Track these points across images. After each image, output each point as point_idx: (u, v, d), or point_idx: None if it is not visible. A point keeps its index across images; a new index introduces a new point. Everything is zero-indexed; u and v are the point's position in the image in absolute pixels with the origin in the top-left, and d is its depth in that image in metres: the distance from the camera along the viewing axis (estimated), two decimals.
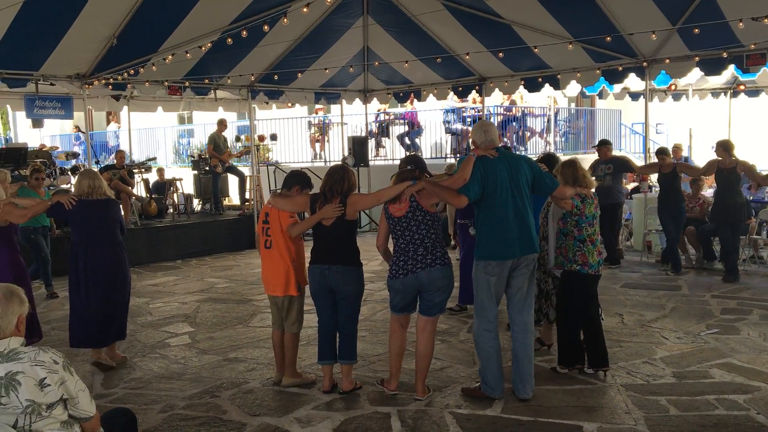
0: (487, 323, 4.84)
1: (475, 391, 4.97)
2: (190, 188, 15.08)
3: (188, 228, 12.51)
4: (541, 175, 5.00)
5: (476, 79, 12.58)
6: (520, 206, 4.79)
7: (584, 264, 5.24)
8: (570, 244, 5.27)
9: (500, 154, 4.87)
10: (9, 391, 2.73)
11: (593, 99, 18.72)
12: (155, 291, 9.24)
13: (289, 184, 5.33)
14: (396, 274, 4.86)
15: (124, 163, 12.77)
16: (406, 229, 4.83)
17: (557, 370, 5.43)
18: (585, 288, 5.34)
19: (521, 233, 4.79)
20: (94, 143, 18.59)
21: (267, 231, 5.27)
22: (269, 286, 5.33)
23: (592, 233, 5.27)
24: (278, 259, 5.19)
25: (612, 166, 9.76)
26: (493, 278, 4.78)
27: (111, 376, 5.72)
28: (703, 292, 8.18)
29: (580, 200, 5.23)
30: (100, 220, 5.80)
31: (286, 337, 5.31)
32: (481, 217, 4.84)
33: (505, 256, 4.76)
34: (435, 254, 4.81)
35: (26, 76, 10.02)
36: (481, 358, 4.92)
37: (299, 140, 18.25)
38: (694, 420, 4.47)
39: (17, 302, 2.89)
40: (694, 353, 5.88)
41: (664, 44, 9.91)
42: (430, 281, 4.78)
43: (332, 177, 5.03)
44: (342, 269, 4.97)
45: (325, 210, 4.97)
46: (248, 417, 4.75)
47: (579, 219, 5.24)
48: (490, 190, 4.74)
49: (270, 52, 11.53)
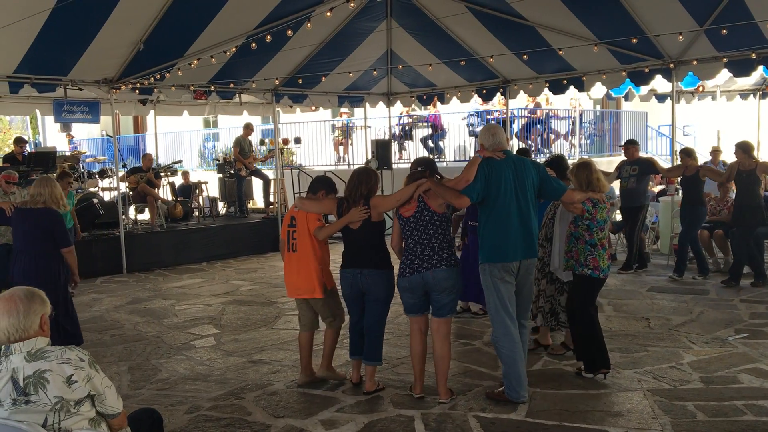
0: (505, 328, 4.82)
1: (500, 395, 4.95)
2: (216, 191, 15.22)
3: (213, 231, 12.61)
4: (548, 179, 4.99)
5: (500, 81, 12.53)
6: (524, 209, 4.80)
7: (595, 268, 5.21)
8: (581, 248, 5.23)
9: (507, 157, 4.87)
10: (38, 388, 2.79)
11: (619, 101, 18.55)
12: (181, 293, 9.33)
13: (314, 188, 5.39)
14: (403, 272, 4.92)
15: (151, 166, 12.93)
16: (414, 229, 4.88)
17: (583, 374, 5.38)
18: (594, 292, 5.33)
19: (524, 237, 4.80)
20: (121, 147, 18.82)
21: (293, 234, 5.28)
22: (293, 289, 5.36)
23: (602, 237, 5.24)
24: (304, 263, 5.21)
25: (638, 167, 9.61)
26: (499, 281, 4.78)
27: (138, 378, 5.78)
28: (732, 296, 8.06)
29: (591, 205, 5.18)
30: (31, 228, 5.72)
31: (328, 333, 5.41)
32: (484, 218, 4.86)
33: (508, 258, 4.77)
34: (441, 255, 4.84)
35: (55, 81, 10.19)
36: (504, 363, 4.90)
37: (323, 143, 18.33)
38: (722, 426, 4.40)
39: (39, 302, 2.94)
40: (722, 358, 5.80)
41: (691, 45, 9.80)
42: (435, 282, 4.82)
43: (351, 181, 5.10)
44: (374, 273, 5.01)
45: (351, 213, 5.00)
46: (273, 419, 4.77)
47: (590, 223, 5.20)
48: (494, 192, 4.75)
49: (294, 56, 11.61)
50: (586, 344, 5.32)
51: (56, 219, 5.80)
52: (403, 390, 5.17)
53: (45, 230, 5.72)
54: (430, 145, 16.91)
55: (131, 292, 9.46)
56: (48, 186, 5.84)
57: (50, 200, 5.80)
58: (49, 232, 5.72)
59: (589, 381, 5.28)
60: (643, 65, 10.53)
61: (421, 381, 5.07)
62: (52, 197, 5.81)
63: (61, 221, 5.86)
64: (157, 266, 11.34)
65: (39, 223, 5.73)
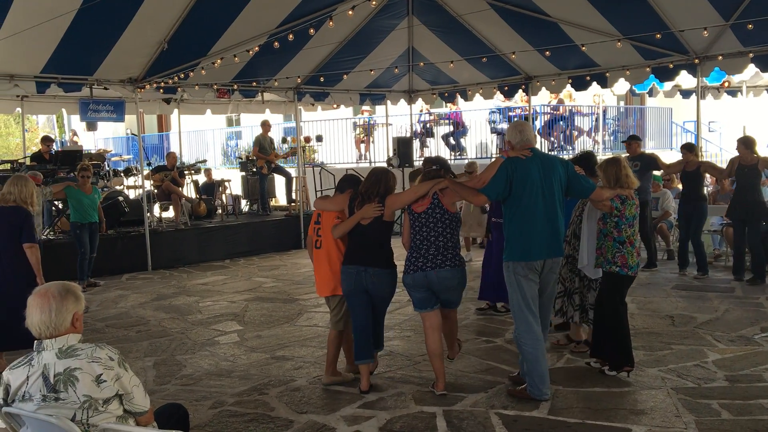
0: (527, 325, 4.81)
1: (521, 392, 4.94)
2: (238, 189, 15.32)
3: (236, 228, 12.71)
4: (577, 177, 4.96)
5: (522, 78, 12.47)
6: (550, 208, 4.77)
7: (623, 266, 5.18)
8: (609, 246, 5.20)
9: (534, 155, 4.84)
10: (67, 386, 2.83)
11: (643, 97, 18.35)
12: (205, 290, 9.42)
13: (342, 187, 5.42)
14: (407, 269, 4.96)
15: (175, 164, 13.06)
16: (424, 225, 4.90)
17: (605, 372, 5.36)
18: (623, 289, 5.30)
19: (550, 235, 4.78)
20: (146, 146, 19.03)
21: (318, 232, 5.34)
22: (318, 286, 5.42)
23: (631, 234, 5.19)
24: (327, 260, 5.25)
25: (639, 163, 9.40)
26: (523, 279, 4.77)
27: (163, 373, 5.86)
28: (758, 295, 7.96)
29: (620, 202, 5.15)
30: (3, 226, 5.82)
31: (331, 334, 5.39)
32: (509, 217, 4.84)
33: (533, 257, 4.75)
34: (446, 255, 4.87)
35: (81, 80, 10.33)
36: (526, 361, 4.89)
37: (344, 141, 18.37)
38: (747, 424, 4.36)
39: (72, 300, 2.95)
40: (748, 356, 5.73)
41: (716, 40, 9.68)
42: (439, 281, 4.87)
43: (369, 179, 5.11)
44: (379, 272, 5.01)
45: (364, 209, 5.00)
46: (295, 414, 4.81)
47: (618, 220, 5.17)
48: (518, 190, 4.72)
49: (316, 55, 11.65)
50: (612, 341, 5.27)
51: (24, 217, 5.92)
52: (425, 387, 5.18)
53: (13, 228, 5.84)
54: (452, 143, 16.87)
55: (156, 289, 9.57)
56: (18, 185, 5.98)
57: (20, 199, 5.94)
58: (17, 229, 5.83)
59: (612, 379, 5.26)
60: (668, 61, 10.42)
61: (442, 378, 5.07)
62: (21, 196, 5.95)
63: (29, 219, 5.96)
64: (181, 263, 11.46)
65: (8, 221, 5.86)
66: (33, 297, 2.94)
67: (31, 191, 6.06)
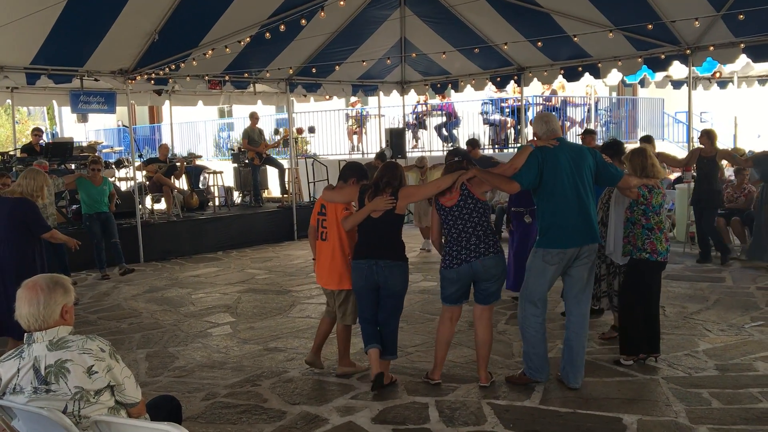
0: (535, 309, 4.84)
1: (520, 378, 4.98)
2: (231, 181, 15.28)
3: (229, 220, 12.69)
4: (605, 165, 4.97)
5: (515, 69, 12.46)
6: (583, 195, 4.77)
7: (653, 252, 5.23)
8: (638, 233, 5.25)
9: (561, 144, 4.84)
10: (59, 378, 2.82)
11: (635, 87, 18.39)
12: (197, 282, 9.41)
13: (345, 176, 5.30)
14: (450, 264, 4.83)
15: (167, 155, 13.03)
16: (458, 218, 4.82)
17: (621, 362, 5.37)
18: (653, 275, 5.35)
19: (584, 222, 4.78)
20: (137, 137, 18.95)
21: (322, 223, 5.22)
22: (323, 279, 5.29)
23: (659, 221, 5.26)
24: (333, 252, 5.15)
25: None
26: (553, 266, 4.77)
27: (155, 365, 5.85)
28: (748, 284, 8.01)
29: (647, 190, 5.20)
30: (6, 218, 5.84)
31: (339, 327, 5.29)
32: (542, 206, 4.83)
33: (567, 245, 4.74)
34: (488, 243, 4.80)
35: (71, 72, 10.27)
36: (527, 343, 4.91)
37: (337, 132, 18.34)
38: (737, 413, 4.40)
39: (61, 292, 2.94)
40: (738, 346, 5.78)
41: (707, 31, 9.68)
42: (484, 270, 4.77)
43: (389, 170, 4.99)
44: (390, 265, 4.89)
45: (375, 201, 4.89)
46: (288, 405, 4.82)
47: (645, 208, 5.22)
48: (549, 179, 4.72)
49: (307, 46, 11.60)
50: (644, 328, 5.30)
51: (28, 208, 5.93)
52: (418, 377, 5.20)
53: (17, 219, 5.85)
54: (444, 134, 16.87)
55: (148, 281, 9.56)
56: (27, 177, 6.02)
57: (27, 191, 5.97)
58: (21, 221, 5.85)
59: (603, 368, 5.29)
60: (660, 51, 10.43)
61: (440, 367, 5.06)
62: (28, 189, 5.97)
63: (34, 210, 5.97)
64: (173, 255, 11.44)
65: (12, 212, 5.87)
66: (22, 289, 2.93)
67: (40, 184, 6.10)
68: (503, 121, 15.98)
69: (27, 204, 5.96)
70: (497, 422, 4.40)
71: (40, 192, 6.11)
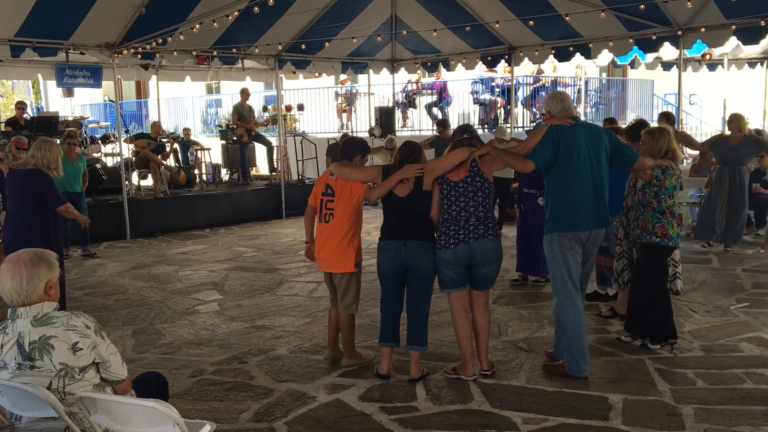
0: (571, 300, 4.65)
1: (558, 369, 4.81)
2: (218, 158, 15.17)
3: (216, 197, 12.62)
4: (621, 146, 4.84)
5: (505, 48, 12.40)
6: (597, 177, 4.63)
7: (664, 236, 5.14)
8: (649, 216, 5.17)
9: (578, 123, 4.70)
10: (43, 354, 2.79)
11: (625, 68, 18.36)
12: (184, 259, 9.36)
13: (348, 154, 4.98)
14: (446, 244, 4.60)
15: (159, 133, 12.90)
16: (462, 195, 4.60)
17: (622, 339, 5.42)
18: (663, 260, 5.29)
19: (597, 205, 4.64)
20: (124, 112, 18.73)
21: (327, 204, 4.92)
22: (326, 262, 5.00)
23: (671, 205, 5.15)
24: (341, 234, 4.87)
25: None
26: (568, 252, 4.61)
27: (142, 342, 5.83)
28: (734, 266, 8.07)
29: (660, 171, 5.10)
30: (20, 190, 5.77)
31: (342, 317, 5.03)
32: (555, 186, 4.66)
33: (580, 228, 4.60)
34: (487, 225, 4.62)
35: (57, 45, 10.12)
36: (567, 336, 4.70)
37: (326, 110, 18.22)
38: (722, 393, 4.43)
39: (45, 267, 2.90)
40: (723, 327, 5.82)
41: (699, 12, 9.66)
42: (483, 252, 4.58)
43: (412, 149, 4.78)
44: (420, 246, 4.63)
45: (405, 169, 4.63)
46: (275, 383, 4.82)
47: (658, 190, 5.12)
48: (564, 158, 4.55)
49: (297, 21, 11.47)
50: (654, 314, 5.23)
51: (43, 180, 5.80)
52: (405, 356, 5.14)
53: (32, 191, 5.76)
54: (435, 113, 16.79)
55: (135, 258, 9.50)
56: (42, 149, 5.83)
57: (41, 163, 5.80)
58: (36, 193, 5.75)
59: (589, 348, 5.30)
60: (651, 32, 10.40)
61: (471, 362, 4.79)
62: (44, 160, 5.80)
63: (48, 182, 5.84)
64: (160, 232, 11.36)
65: (26, 185, 5.76)
66: (5, 264, 2.89)
67: (56, 156, 5.89)
68: (493, 101, 15.93)
69: (42, 176, 5.80)
70: (484, 401, 4.42)
71: (56, 164, 5.90)
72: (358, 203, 4.89)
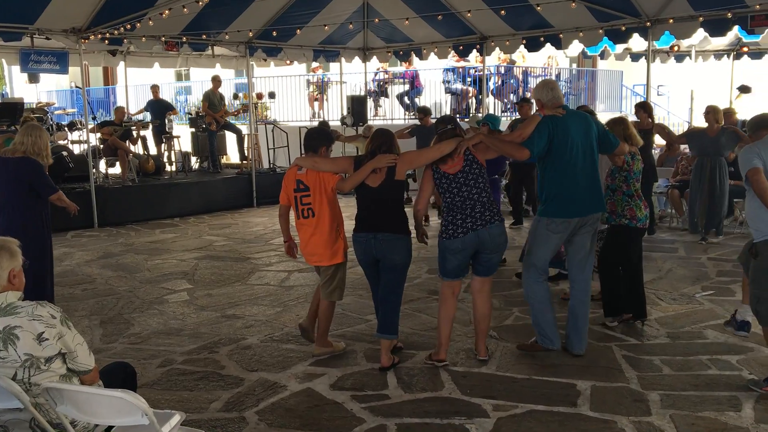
0: (538, 275, 4.88)
1: (533, 346, 5.01)
2: (188, 146, 14.98)
3: (186, 186, 12.47)
4: (606, 134, 5.02)
5: (477, 37, 12.42)
6: (589, 164, 4.80)
7: (632, 218, 5.40)
8: (618, 199, 5.42)
9: (568, 112, 4.82)
10: (7, 345, 2.74)
11: (595, 59, 18.52)
12: (153, 248, 9.25)
13: (313, 146, 4.89)
14: (454, 233, 4.60)
15: (123, 119, 12.69)
16: (464, 185, 4.61)
17: (607, 324, 5.53)
18: (632, 241, 5.49)
19: (590, 192, 4.81)
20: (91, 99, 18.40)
21: (302, 199, 4.83)
22: (314, 257, 4.94)
23: (638, 188, 5.44)
24: (324, 227, 4.82)
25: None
26: (557, 235, 4.78)
27: (110, 332, 5.76)
28: (700, 255, 8.21)
29: (630, 156, 5.35)
30: (8, 179, 5.53)
31: (323, 304, 4.99)
32: (549, 175, 4.80)
33: (573, 214, 4.75)
34: (492, 210, 4.65)
35: (21, 29, 9.87)
36: (535, 311, 4.93)
37: (297, 99, 18.10)
38: (687, 379, 4.52)
39: (6, 256, 2.84)
40: (689, 314, 5.93)
41: (668, 4, 9.78)
42: (491, 238, 4.60)
43: (382, 137, 4.76)
44: (389, 238, 4.63)
45: (378, 158, 4.61)
46: (246, 372, 4.80)
47: (627, 175, 5.39)
48: (558, 148, 4.69)
49: (268, 8, 11.37)
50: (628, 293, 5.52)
51: (34, 169, 5.54)
52: (376, 344, 5.17)
53: (22, 181, 5.51)
54: (406, 102, 16.78)
55: (103, 247, 9.36)
56: (32, 135, 5.56)
57: (31, 150, 5.54)
58: (26, 182, 5.50)
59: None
60: (620, 23, 10.50)
61: (446, 347, 4.83)
62: (34, 147, 5.54)
63: (40, 171, 5.59)
64: (129, 221, 11.21)
65: (16, 174, 5.51)
66: None
67: (46, 142, 5.63)
68: (465, 91, 15.96)
69: (32, 164, 5.53)
70: (454, 388, 4.45)
71: (46, 150, 5.65)
72: (332, 194, 4.86)
